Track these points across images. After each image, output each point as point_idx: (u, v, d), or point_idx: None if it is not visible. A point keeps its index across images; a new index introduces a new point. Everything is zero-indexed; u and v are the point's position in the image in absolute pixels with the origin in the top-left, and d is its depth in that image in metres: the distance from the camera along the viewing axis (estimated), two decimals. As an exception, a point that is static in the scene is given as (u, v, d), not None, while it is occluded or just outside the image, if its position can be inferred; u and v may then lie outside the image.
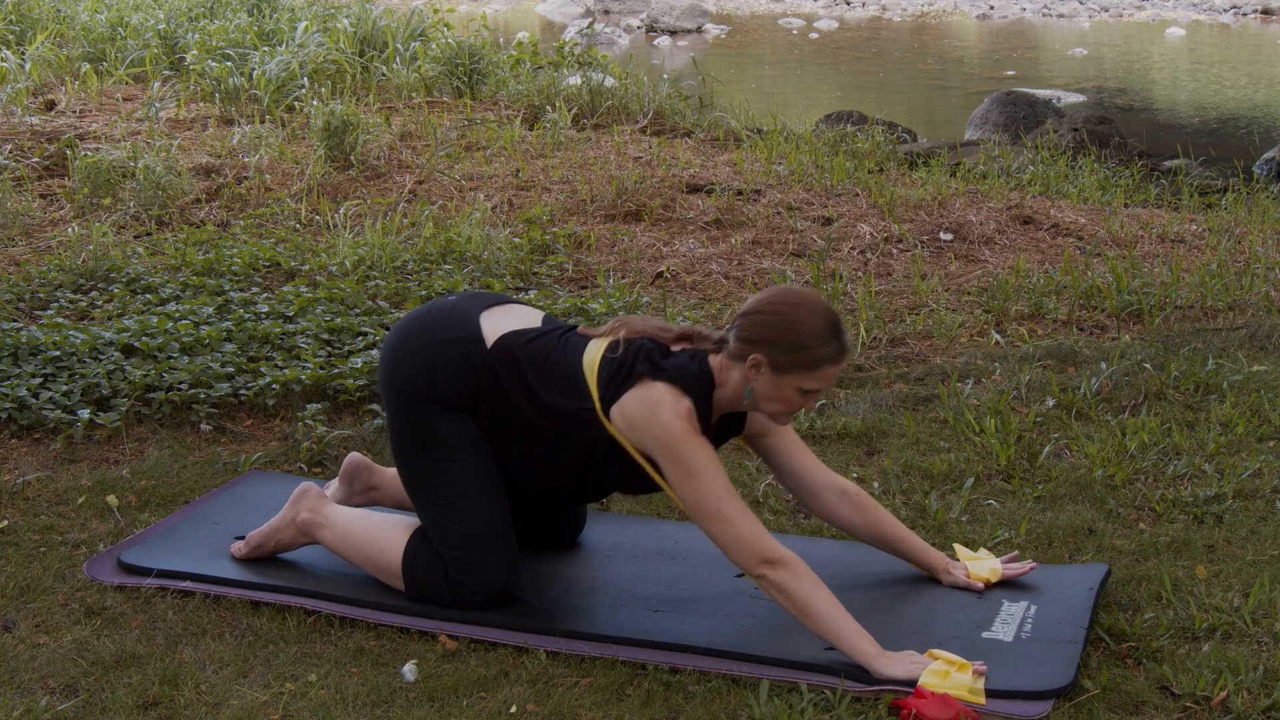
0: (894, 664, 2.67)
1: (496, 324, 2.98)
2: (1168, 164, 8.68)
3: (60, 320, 4.54)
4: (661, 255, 5.79)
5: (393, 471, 3.37)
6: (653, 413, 2.78)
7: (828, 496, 3.09)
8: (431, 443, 2.95)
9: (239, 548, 3.18)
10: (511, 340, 2.94)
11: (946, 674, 2.63)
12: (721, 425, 2.99)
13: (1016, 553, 3.20)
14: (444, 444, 2.94)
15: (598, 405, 2.85)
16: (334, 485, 3.40)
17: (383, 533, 3.04)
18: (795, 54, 17.87)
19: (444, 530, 2.94)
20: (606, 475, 2.94)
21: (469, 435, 2.95)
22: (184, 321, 4.52)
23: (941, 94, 14.28)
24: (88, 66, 8.96)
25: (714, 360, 2.87)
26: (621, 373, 2.85)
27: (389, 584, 3.02)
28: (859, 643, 2.70)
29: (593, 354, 2.90)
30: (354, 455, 3.37)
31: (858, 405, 4.24)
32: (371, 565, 3.03)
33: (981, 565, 3.10)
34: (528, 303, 3.49)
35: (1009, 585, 3.08)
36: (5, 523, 3.38)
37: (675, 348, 2.89)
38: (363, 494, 3.37)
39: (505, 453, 2.97)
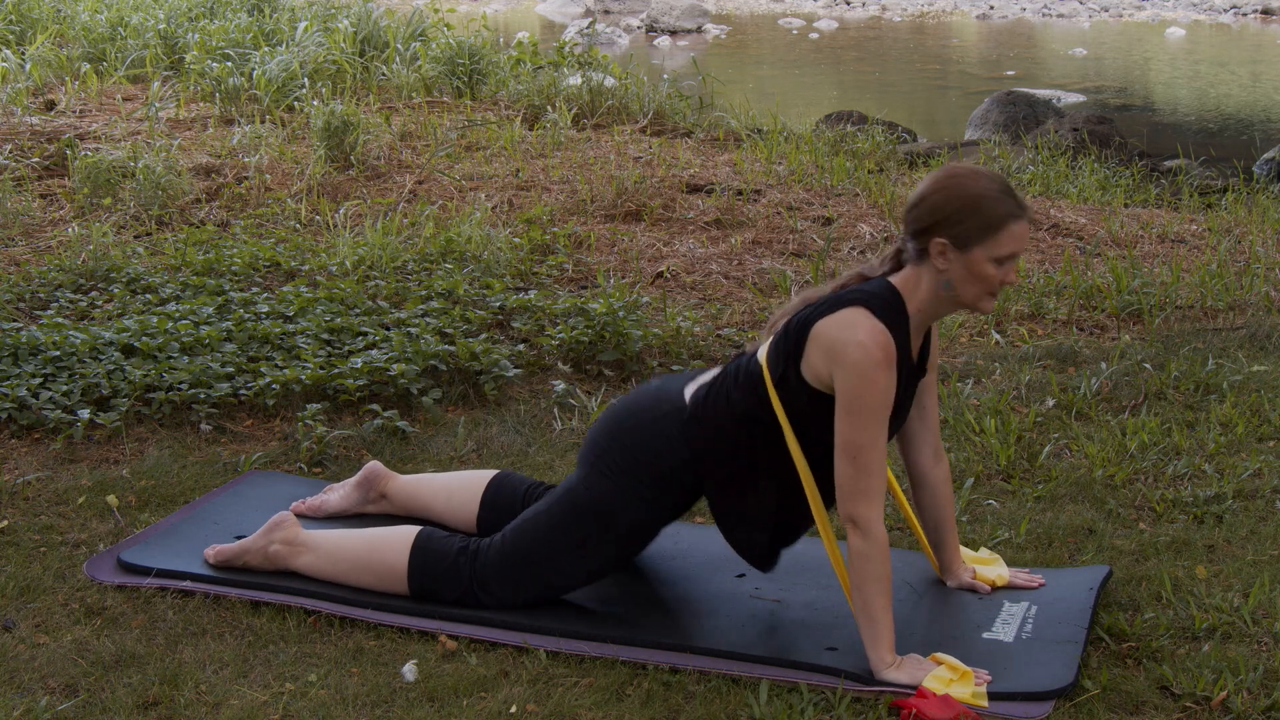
0: (899, 671, 2.67)
1: (695, 385, 2.94)
2: (1168, 164, 8.68)
3: (60, 320, 4.54)
4: (661, 255, 5.79)
5: (404, 479, 3.38)
6: (847, 330, 2.66)
7: (929, 453, 3.02)
8: (610, 512, 2.90)
9: (210, 554, 3.14)
10: (700, 390, 2.90)
11: (949, 682, 2.63)
12: (919, 353, 2.86)
13: (1028, 570, 3.17)
14: (618, 517, 2.90)
15: (769, 383, 2.77)
16: (343, 489, 3.40)
17: (380, 538, 3.03)
18: (795, 54, 17.87)
19: (534, 566, 2.92)
20: (815, 441, 2.80)
21: (642, 528, 2.92)
22: (184, 321, 4.52)
23: (941, 94, 14.28)
24: (88, 66, 8.96)
25: (896, 279, 2.77)
26: (791, 336, 2.75)
27: (385, 589, 3.00)
28: (882, 649, 2.68)
29: (764, 349, 2.85)
30: (374, 463, 3.37)
31: (858, 405, 4.23)
32: (369, 573, 3.01)
33: (990, 569, 3.10)
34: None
35: (1010, 586, 3.08)
36: (5, 523, 3.38)
37: (848, 286, 2.79)
38: (373, 502, 3.37)
39: (753, 493, 2.86)
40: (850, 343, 2.66)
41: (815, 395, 2.75)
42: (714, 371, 2.98)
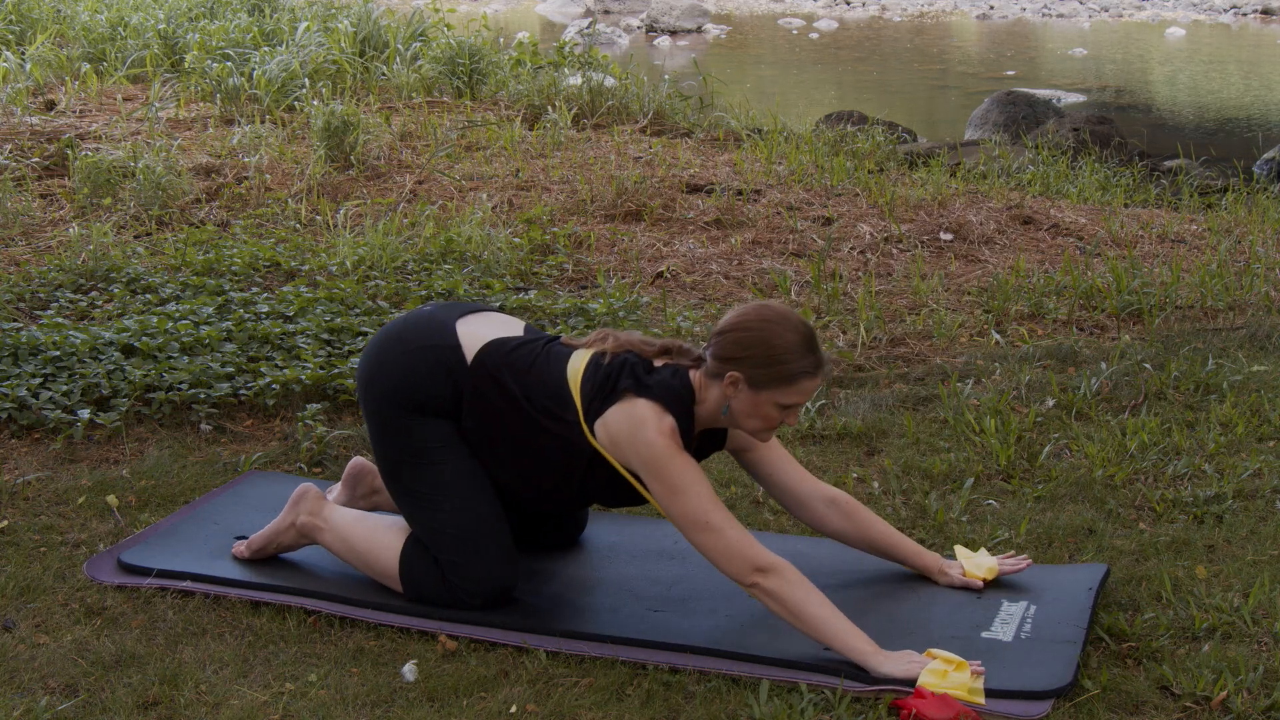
0: (891, 662, 2.67)
1: (475, 330, 2.99)
2: (1168, 164, 8.68)
3: (60, 320, 4.54)
4: (661, 255, 5.79)
5: None
6: (637, 430, 2.79)
7: (816, 506, 3.09)
8: (414, 448, 2.96)
9: (240, 549, 3.18)
10: (494, 348, 2.95)
11: (945, 673, 2.63)
12: (704, 439, 3.00)
13: (1014, 551, 3.20)
14: (426, 448, 2.95)
15: (581, 417, 2.86)
16: (337, 488, 3.40)
17: (378, 536, 3.03)
18: (795, 54, 17.87)
19: (436, 534, 2.94)
20: (589, 486, 2.93)
21: (451, 438, 2.96)
22: (184, 321, 4.52)
23: (941, 94, 14.29)
24: (88, 66, 8.97)
25: (695, 376, 2.88)
26: (605, 386, 2.85)
27: (387, 585, 3.02)
28: (855, 642, 2.70)
29: (576, 365, 2.91)
30: (358, 459, 3.37)
31: (858, 405, 4.24)
32: (370, 568, 3.03)
33: (977, 563, 3.10)
34: (503, 310, 3.49)
35: (1008, 585, 3.08)
36: (5, 523, 3.38)
37: (658, 362, 2.91)
38: (365, 498, 3.37)
39: (488, 462, 2.97)
40: (641, 442, 2.79)
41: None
42: (504, 324, 3.03)
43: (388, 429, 2.98)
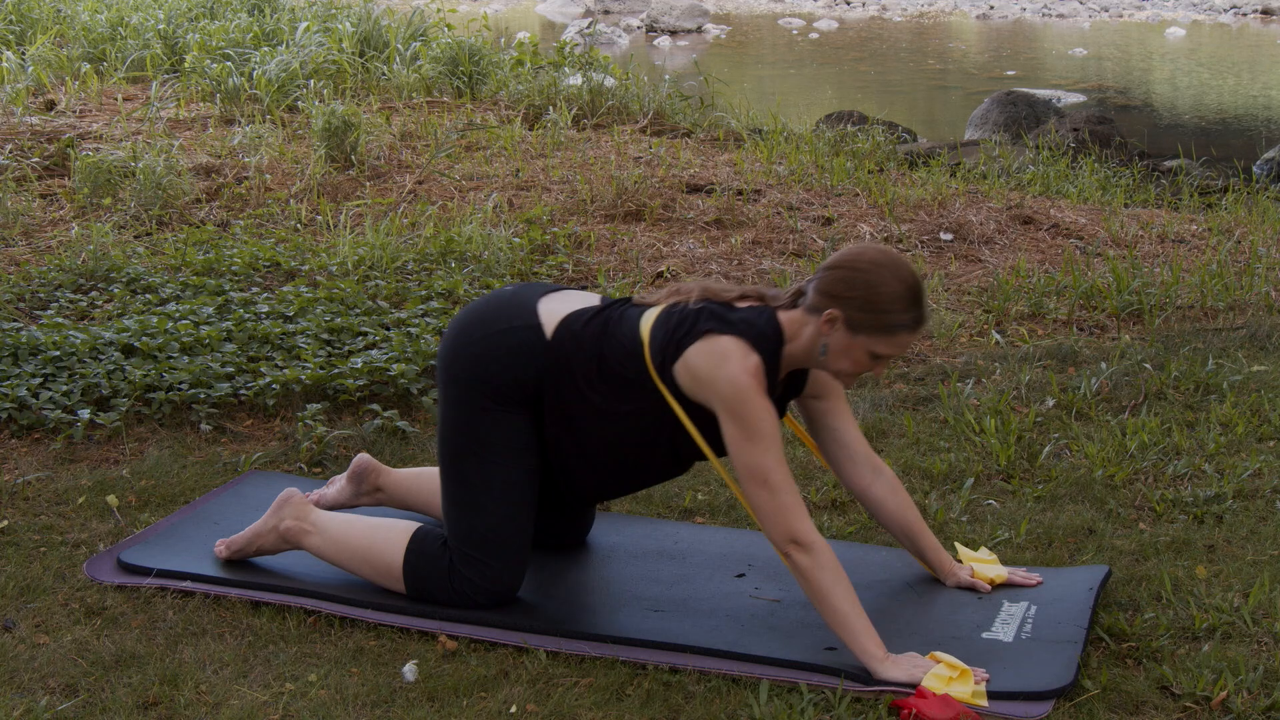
0: (895, 667, 2.67)
1: (554, 308, 2.94)
2: (1168, 164, 8.68)
3: (60, 320, 4.54)
4: (661, 255, 5.79)
5: (399, 473, 3.37)
6: (719, 365, 2.73)
7: (864, 470, 3.05)
8: (482, 441, 2.92)
9: (220, 549, 3.16)
10: (572, 320, 2.90)
11: (949, 680, 2.63)
12: (786, 385, 2.93)
13: (1026, 568, 3.17)
14: (495, 445, 2.91)
15: (650, 364, 2.81)
16: (339, 483, 3.40)
17: (381, 534, 3.03)
18: (795, 54, 17.87)
19: (468, 527, 2.92)
20: (678, 441, 2.87)
21: (520, 443, 2.92)
22: (184, 321, 4.52)
23: (941, 94, 14.29)
24: (88, 66, 8.97)
25: (783, 316, 2.82)
26: (680, 330, 2.79)
27: (385, 585, 3.00)
28: (867, 643, 2.69)
29: (649, 318, 2.86)
30: (363, 456, 3.37)
31: (858, 405, 4.24)
32: (369, 567, 3.02)
33: (989, 568, 3.10)
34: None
35: (1009, 586, 3.08)
36: (5, 523, 3.38)
37: (739, 304, 2.85)
38: (369, 495, 3.36)
39: (581, 440, 2.91)
40: (722, 378, 2.73)
41: (680, 395, 2.82)
42: (581, 298, 2.99)
43: (461, 415, 2.93)
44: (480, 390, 2.91)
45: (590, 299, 3.01)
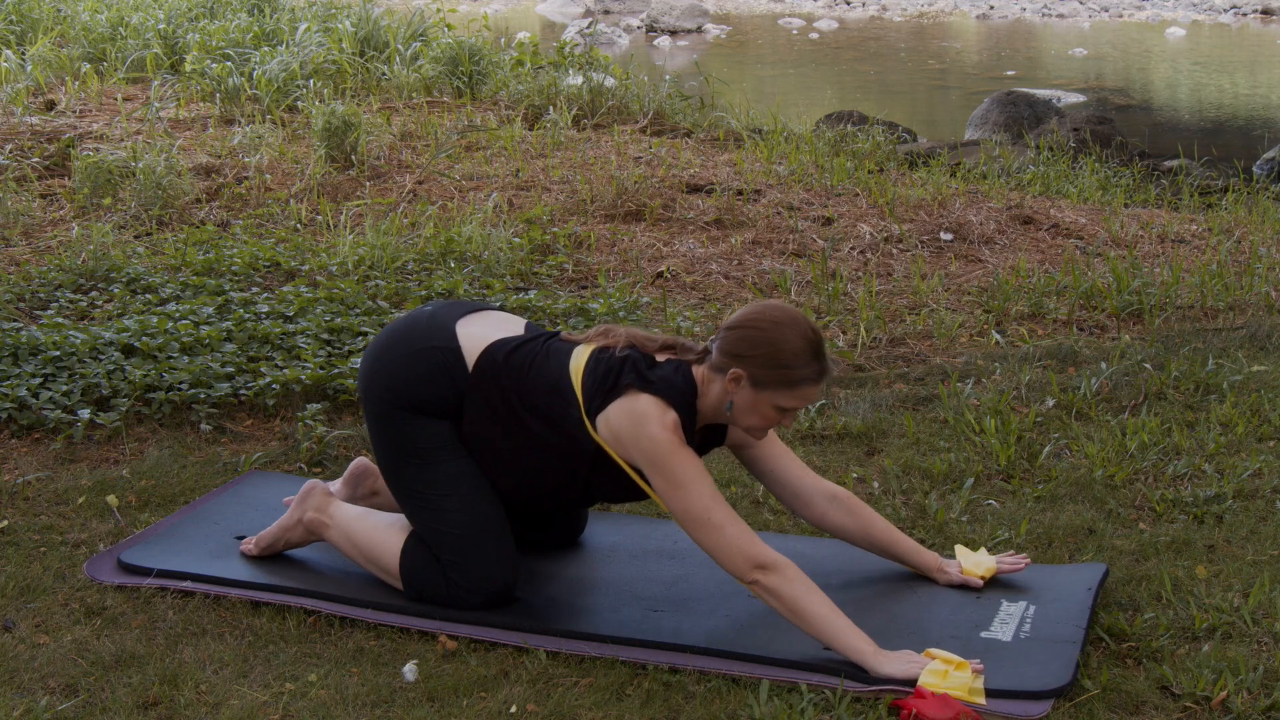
0: (891, 662, 2.67)
1: (476, 332, 2.99)
2: (1168, 164, 8.68)
3: (60, 320, 4.54)
4: (661, 255, 5.79)
5: None
6: (639, 425, 2.79)
7: (818, 502, 3.09)
8: (414, 448, 2.96)
9: (249, 547, 3.18)
10: (494, 350, 2.95)
11: (945, 673, 2.63)
12: (705, 435, 3.00)
13: (1013, 551, 3.19)
14: (427, 448, 2.95)
15: (583, 413, 2.86)
16: (338, 485, 3.40)
17: (380, 534, 3.04)
18: (795, 54, 17.87)
19: (438, 534, 2.95)
20: (594, 482, 2.93)
21: (451, 439, 2.96)
22: (184, 321, 4.52)
23: (941, 94, 14.29)
24: (88, 66, 8.97)
25: (697, 371, 2.88)
26: (607, 382, 2.85)
27: (390, 584, 3.02)
28: (855, 641, 2.70)
29: (578, 361, 2.91)
30: (361, 459, 3.37)
31: (858, 405, 4.24)
32: (373, 565, 3.04)
33: (976, 561, 3.10)
34: (502, 309, 3.49)
35: (1007, 585, 3.08)
36: (5, 523, 3.38)
37: (660, 357, 2.90)
38: (366, 498, 3.37)
39: (490, 464, 2.97)
40: (643, 436, 2.79)
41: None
42: (505, 323, 3.03)
43: (389, 429, 2.98)
44: (399, 404, 2.96)
45: (513, 325, 3.05)
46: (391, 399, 2.97)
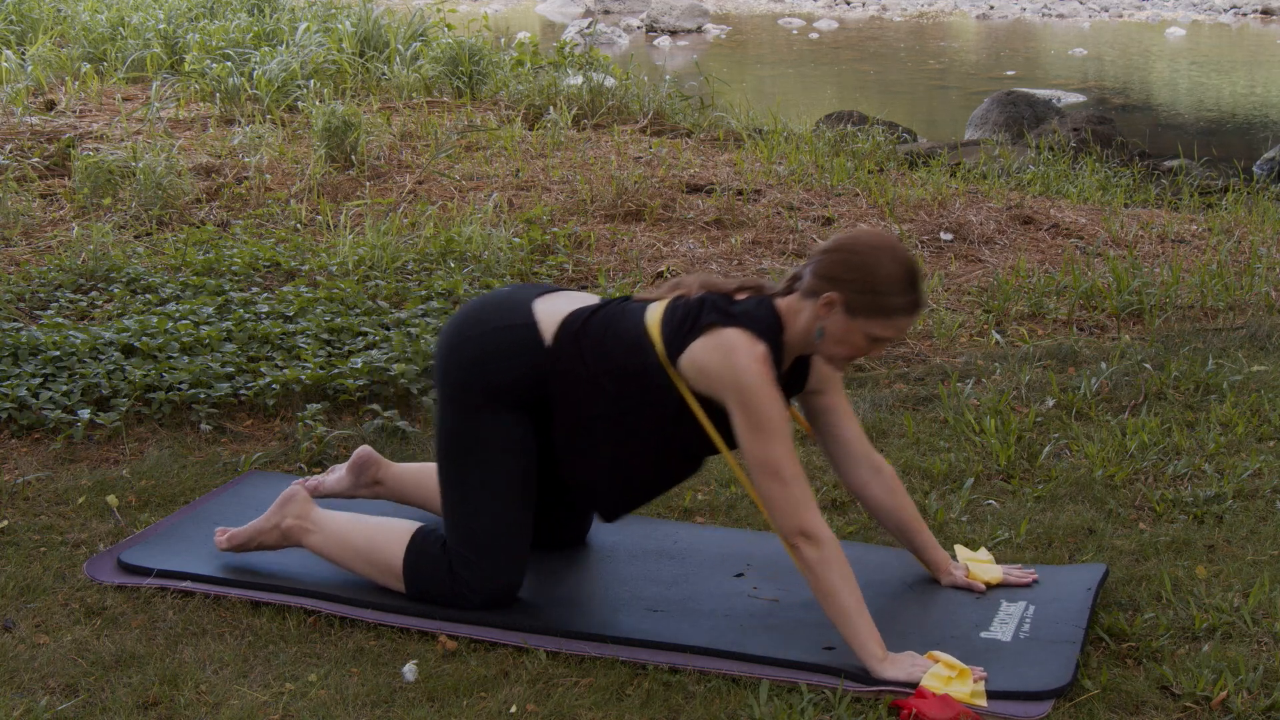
0: (894, 667, 2.67)
1: (552, 307, 2.93)
2: (1168, 164, 8.68)
3: (60, 320, 4.54)
4: (661, 255, 5.79)
5: (399, 467, 3.37)
6: (728, 356, 2.72)
7: (863, 470, 3.04)
8: (479, 441, 2.91)
9: (221, 540, 3.15)
10: (571, 320, 2.89)
11: (948, 680, 2.62)
12: (791, 374, 2.91)
13: (1021, 566, 3.17)
14: (491, 446, 2.90)
15: (662, 356, 2.79)
16: (339, 472, 3.40)
17: (381, 534, 3.03)
18: (795, 54, 17.87)
19: (466, 530, 2.92)
20: (688, 438, 2.85)
21: (517, 443, 2.91)
22: (184, 321, 4.52)
23: (941, 94, 14.29)
24: (88, 66, 8.97)
25: (780, 304, 2.82)
26: (685, 323, 2.79)
27: (386, 585, 3.00)
28: (868, 643, 2.69)
29: (654, 313, 2.85)
30: (365, 448, 3.36)
31: (858, 405, 4.24)
32: (370, 566, 3.02)
33: (984, 568, 3.10)
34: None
35: (1007, 585, 3.08)
36: (5, 523, 3.38)
37: (739, 296, 2.84)
38: (368, 487, 3.36)
39: (595, 444, 2.90)
40: (733, 367, 2.71)
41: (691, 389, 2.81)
42: (579, 299, 2.98)
43: (457, 415, 2.92)
44: (476, 389, 2.90)
45: (588, 298, 3.00)
46: (470, 382, 2.90)
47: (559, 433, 2.93)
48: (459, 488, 2.94)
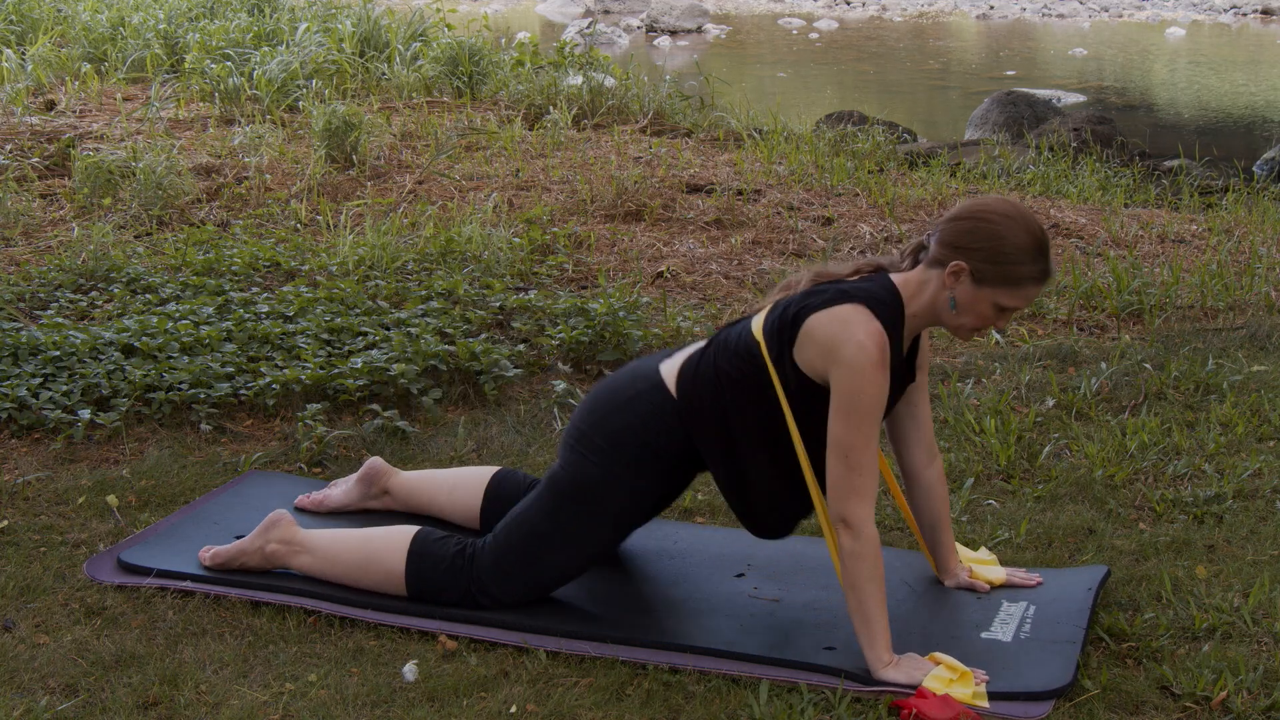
0: (896, 669, 2.67)
1: (672, 365, 2.93)
2: (1168, 164, 8.68)
3: (60, 320, 4.54)
4: (661, 255, 5.79)
5: (407, 476, 3.37)
6: (843, 330, 2.67)
7: (922, 453, 3.03)
8: (599, 499, 2.90)
9: (205, 557, 3.12)
10: (687, 367, 2.88)
11: (949, 682, 2.62)
12: (907, 356, 2.88)
13: (1024, 570, 3.16)
14: (608, 508, 2.90)
15: (767, 359, 2.77)
16: (346, 484, 3.40)
17: (376, 543, 3.02)
18: (795, 54, 17.87)
19: (527, 552, 2.91)
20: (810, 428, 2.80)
21: (631, 512, 2.92)
22: (184, 321, 4.52)
23: (941, 94, 14.29)
24: (88, 66, 8.97)
25: (898, 279, 2.78)
26: (786, 315, 2.75)
27: (385, 591, 2.99)
28: (877, 645, 2.68)
29: (759, 319, 2.84)
30: (376, 459, 3.37)
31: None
32: (367, 576, 3.00)
33: (988, 569, 3.10)
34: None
35: (1008, 585, 3.08)
36: (5, 523, 3.38)
37: (851, 278, 2.81)
38: (376, 498, 3.37)
39: (753, 476, 2.86)
40: (848, 341, 2.67)
41: (805, 382, 2.76)
42: (694, 346, 2.97)
43: (591, 469, 2.89)
44: (616, 456, 2.88)
45: (700, 343, 2.98)
46: (612, 450, 2.87)
47: (718, 478, 2.90)
48: (551, 520, 2.92)
